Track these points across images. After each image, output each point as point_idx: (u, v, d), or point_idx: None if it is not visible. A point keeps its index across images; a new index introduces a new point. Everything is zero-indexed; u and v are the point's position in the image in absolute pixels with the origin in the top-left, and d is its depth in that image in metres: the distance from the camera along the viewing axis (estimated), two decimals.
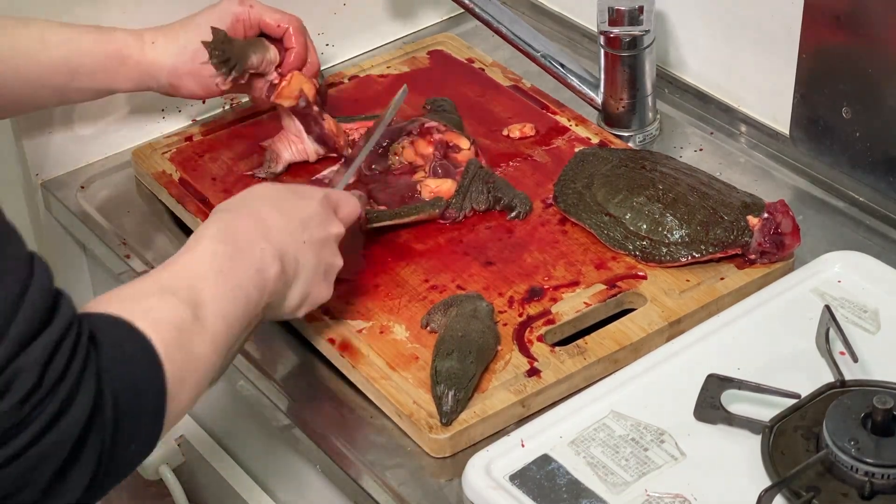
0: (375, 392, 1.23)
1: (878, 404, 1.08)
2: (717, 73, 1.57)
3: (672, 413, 1.16)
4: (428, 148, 1.44)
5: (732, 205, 1.34)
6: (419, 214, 1.39)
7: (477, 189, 1.41)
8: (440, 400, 1.19)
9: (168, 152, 1.52)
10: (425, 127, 1.46)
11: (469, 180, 1.41)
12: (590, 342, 1.26)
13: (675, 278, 1.31)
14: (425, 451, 1.19)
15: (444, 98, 1.55)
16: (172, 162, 1.50)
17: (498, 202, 1.41)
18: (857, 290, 1.27)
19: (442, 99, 1.55)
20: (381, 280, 1.34)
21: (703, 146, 1.53)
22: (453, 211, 1.40)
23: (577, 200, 1.39)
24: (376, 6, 1.70)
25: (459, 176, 1.41)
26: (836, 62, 1.37)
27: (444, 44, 1.67)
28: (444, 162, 1.43)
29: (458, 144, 1.45)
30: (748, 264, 1.32)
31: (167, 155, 1.51)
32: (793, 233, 1.31)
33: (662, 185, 1.36)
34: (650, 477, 1.11)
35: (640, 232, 1.34)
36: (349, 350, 1.26)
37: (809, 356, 1.20)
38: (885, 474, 1.06)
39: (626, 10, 1.48)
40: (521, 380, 1.22)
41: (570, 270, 1.33)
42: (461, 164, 1.42)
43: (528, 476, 1.12)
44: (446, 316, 1.27)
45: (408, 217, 1.39)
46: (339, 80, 1.62)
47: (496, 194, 1.41)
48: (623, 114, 1.53)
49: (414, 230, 1.39)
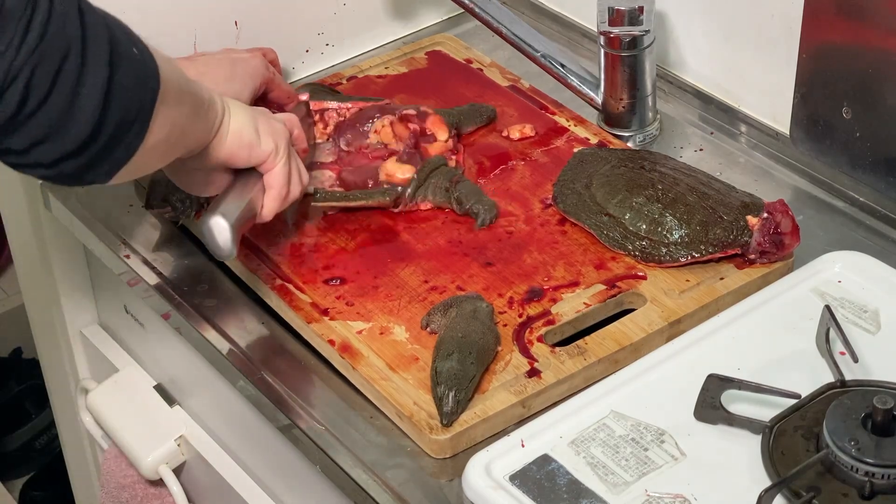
0: (376, 393, 1.23)
1: (879, 404, 1.08)
2: (717, 73, 1.57)
3: (672, 413, 1.16)
4: (405, 132, 1.44)
5: (732, 205, 1.34)
6: (368, 200, 1.39)
7: (437, 183, 1.39)
8: (441, 401, 1.19)
9: None
10: (405, 113, 1.46)
11: (427, 173, 1.39)
12: (590, 342, 1.26)
13: (674, 278, 1.31)
14: (426, 451, 1.19)
15: (485, 104, 1.54)
16: None
17: (460, 205, 1.39)
18: (857, 290, 1.27)
19: (482, 105, 1.53)
20: (380, 281, 1.34)
21: (703, 146, 1.53)
22: (405, 200, 1.38)
23: (576, 201, 1.38)
24: (376, 6, 1.70)
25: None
26: (836, 62, 1.37)
27: (442, 44, 1.67)
28: (412, 150, 1.42)
29: (436, 135, 1.44)
30: (748, 264, 1.32)
31: None
32: (792, 232, 1.31)
33: (662, 185, 1.36)
34: (650, 477, 1.11)
35: (639, 232, 1.34)
36: (349, 351, 1.26)
37: (809, 356, 1.20)
38: (886, 474, 1.06)
39: (626, 10, 1.47)
40: (522, 380, 1.22)
41: (569, 271, 1.33)
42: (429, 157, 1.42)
43: (528, 476, 1.12)
44: (446, 317, 1.27)
45: (356, 201, 1.39)
46: (337, 81, 1.62)
47: (458, 196, 1.39)
48: (623, 114, 1.53)
49: (412, 231, 1.39)
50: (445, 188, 1.39)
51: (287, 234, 1.38)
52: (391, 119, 1.45)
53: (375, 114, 1.46)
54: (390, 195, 1.38)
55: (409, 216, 1.40)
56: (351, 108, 1.49)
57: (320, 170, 1.44)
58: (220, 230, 1.23)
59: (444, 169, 1.40)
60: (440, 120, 1.46)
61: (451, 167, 1.41)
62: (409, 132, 1.43)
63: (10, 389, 2.55)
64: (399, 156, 1.42)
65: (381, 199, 1.38)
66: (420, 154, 1.42)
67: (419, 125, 1.45)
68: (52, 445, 2.48)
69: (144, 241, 1.46)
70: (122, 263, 1.45)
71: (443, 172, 1.40)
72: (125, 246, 1.45)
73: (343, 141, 1.46)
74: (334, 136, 1.47)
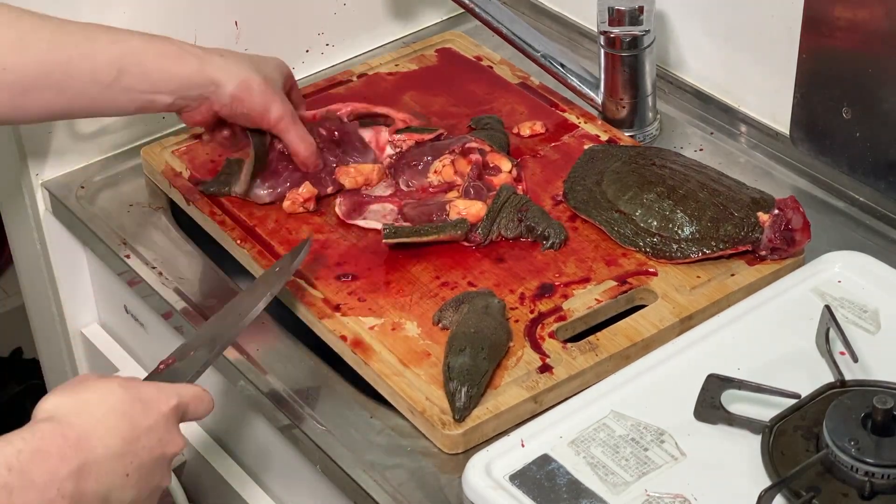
0: (388, 389, 1.23)
1: (879, 404, 1.08)
2: (717, 73, 1.57)
3: (672, 413, 1.16)
4: (467, 168, 1.42)
5: (742, 201, 1.34)
6: (440, 235, 1.36)
7: (508, 216, 1.37)
8: (453, 396, 1.19)
9: (177, 149, 1.52)
10: (467, 146, 1.44)
11: (500, 205, 1.37)
12: (601, 339, 1.26)
13: (685, 275, 1.31)
14: (430, 450, 1.19)
15: (490, 115, 1.53)
16: (182, 159, 1.50)
17: (531, 231, 1.37)
18: (857, 290, 1.27)
19: (489, 116, 1.53)
20: (392, 277, 1.34)
21: (704, 146, 1.53)
22: (478, 235, 1.36)
23: (587, 197, 1.39)
24: (376, 6, 1.70)
25: (491, 200, 1.38)
26: (836, 62, 1.37)
27: (452, 41, 1.67)
28: (477, 184, 1.40)
29: (499, 166, 1.43)
30: (759, 261, 1.32)
31: (177, 152, 1.51)
32: (803, 229, 1.31)
33: (672, 182, 1.36)
34: (650, 477, 1.11)
35: (650, 228, 1.34)
36: (361, 347, 1.26)
37: (809, 356, 1.20)
38: (886, 474, 1.06)
39: (627, 10, 1.48)
40: (534, 376, 1.22)
41: (580, 267, 1.33)
42: (496, 188, 1.40)
43: (528, 476, 1.12)
44: (458, 312, 1.27)
45: (427, 236, 1.36)
46: (348, 78, 1.62)
47: (529, 223, 1.37)
48: (623, 114, 1.53)
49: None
50: (518, 219, 1.37)
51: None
52: (452, 158, 1.44)
53: (430, 154, 1.44)
54: (462, 228, 1.36)
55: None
56: (406, 140, 1.46)
57: (381, 203, 1.42)
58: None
59: (514, 199, 1.38)
60: (500, 154, 1.44)
61: (520, 195, 1.39)
62: (472, 164, 1.42)
63: (10, 389, 2.55)
64: (464, 189, 1.40)
65: (453, 233, 1.36)
66: (485, 186, 1.41)
67: (478, 158, 1.43)
68: None
69: (144, 241, 1.46)
70: (122, 263, 1.45)
71: (512, 203, 1.38)
72: (125, 246, 1.45)
73: (402, 182, 1.44)
74: (390, 172, 1.45)
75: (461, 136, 1.47)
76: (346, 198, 1.42)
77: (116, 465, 1.07)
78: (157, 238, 1.46)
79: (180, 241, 1.45)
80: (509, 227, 1.37)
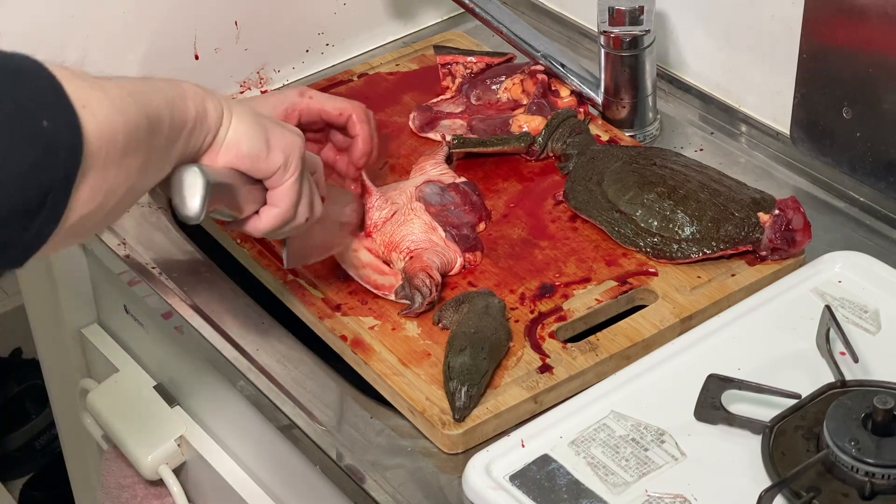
0: (388, 388, 1.23)
1: (879, 404, 1.08)
2: (717, 73, 1.57)
3: (672, 413, 1.16)
4: (533, 86, 1.50)
5: (743, 201, 1.34)
6: (504, 146, 1.44)
7: (561, 134, 1.44)
8: (453, 396, 1.19)
9: None
10: (533, 68, 1.52)
11: (558, 122, 1.45)
12: (601, 339, 1.26)
13: (686, 275, 1.31)
14: (430, 450, 1.19)
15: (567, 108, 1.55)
16: None
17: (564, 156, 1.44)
18: (857, 290, 1.27)
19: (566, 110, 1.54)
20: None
21: (704, 146, 1.53)
22: (536, 148, 1.44)
23: (587, 197, 1.39)
24: (376, 6, 1.70)
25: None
26: (836, 62, 1.37)
27: (452, 41, 1.67)
28: (541, 101, 1.49)
29: (560, 91, 1.51)
30: (759, 261, 1.32)
31: None
32: (804, 229, 1.31)
33: (673, 182, 1.36)
34: (650, 477, 1.11)
35: (650, 229, 1.34)
36: (361, 347, 1.26)
37: (810, 356, 1.20)
38: (886, 474, 1.06)
39: (627, 10, 1.48)
40: (534, 376, 1.22)
41: (581, 267, 1.34)
42: (558, 109, 1.48)
43: (528, 476, 1.12)
44: (458, 312, 1.27)
45: (493, 147, 1.45)
46: (348, 78, 1.62)
47: (565, 149, 1.44)
48: (623, 114, 1.53)
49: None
50: (565, 140, 1.44)
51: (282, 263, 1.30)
52: (521, 77, 1.52)
53: (503, 73, 1.53)
54: (525, 141, 1.44)
55: None
56: (477, 62, 1.55)
57: (451, 119, 1.50)
58: (192, 183, 1.09)
59: (572, 120, 1.46)
60: (563, 82, 1.52)
61: (578, 119, 1.47)
62: (538, 83, 1.50)
63: (10, 389, 2.55)
64: (528, 107, 1.48)
65: (516, 144, 1.44)
66: (549, 105, 1.49)
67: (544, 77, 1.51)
68: (52, 445, 2.48)
69: (144, 241, 1.46)
70: (122, 263, 1.45)
71: (570, 124, 1.45)
72: (125, 246, 1.45)
73: (473, 96, 1.52)
74: (462, 89, 1.54)
75: (529, 62, 1.54)
76: (419, 112, 1.52)
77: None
78: (157, 238, 1.46)
79: (180, 241, 1.45)
80: (556, 147, 1.45)
